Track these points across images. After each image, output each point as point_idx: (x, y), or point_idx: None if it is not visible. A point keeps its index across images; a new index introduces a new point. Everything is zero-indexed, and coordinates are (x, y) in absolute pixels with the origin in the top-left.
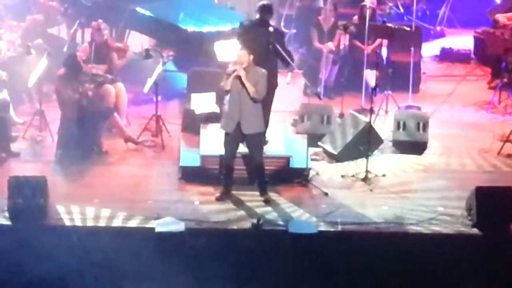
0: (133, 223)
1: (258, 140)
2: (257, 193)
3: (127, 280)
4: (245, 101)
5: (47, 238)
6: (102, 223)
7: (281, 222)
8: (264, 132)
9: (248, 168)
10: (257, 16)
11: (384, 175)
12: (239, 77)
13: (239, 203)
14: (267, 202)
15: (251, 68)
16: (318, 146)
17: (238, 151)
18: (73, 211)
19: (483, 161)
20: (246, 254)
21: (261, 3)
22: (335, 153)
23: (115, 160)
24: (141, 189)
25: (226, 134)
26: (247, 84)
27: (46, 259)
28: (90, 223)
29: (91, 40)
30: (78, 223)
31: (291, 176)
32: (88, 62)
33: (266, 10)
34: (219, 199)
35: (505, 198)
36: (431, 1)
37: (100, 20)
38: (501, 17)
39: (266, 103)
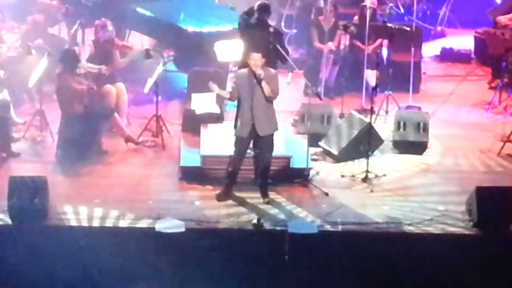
0: (133, 223)
1: (271, 141)
2: (258, 193)
3: (127, 280)
4: (258, 103)
5: (47, 238)
6: (102, 223)
7: (281, 222)
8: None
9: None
10: (255, 16)
11: (384, 175)
12: (256, 77)
13: (239, 203)
14: (267, 203)
15: (262, 68)
16: (319, 146)
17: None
18: (74, 211)
19: (484, 161)
20: (246, 254)
21: (258, 3)
22: (336, 153)
23: (116, 160)
24: (142, 189)
25: (240, 136)
26: (264, 84)
27: (46, 259)
28: (90, 223)
29: (95, 39)
30: (79, 223)
31: (291, 176)
32: (91, 61)
33: (264, 10)
34: (219, 198)
35: (505, 198)
36: (431, 1)
37: (103, 18)
38: (502, 18)
39: None
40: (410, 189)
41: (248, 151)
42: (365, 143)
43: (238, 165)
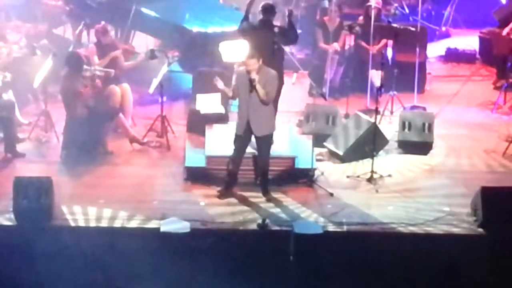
0: (138, 224)
1: (268, 142)
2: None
3: (132, 280)
4: (255, 103)
5: (52, 238)
6: (106, 223)
7: (286, 222)
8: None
9: (256, 168)
10: (260, 17)
11: (389, 176)
12: (250, 81)
13: (244, 204)
14: (269, 201)
15: (261, 69)
16: (323, 147)
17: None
18: (78, 212)
19: (488, 161)
20: (252, 255)
21: (262, 4)
22: (341, 153)
23: (120, 161)
24: (146, 190)
25: (237, 134)
26: (258, 87)
27: (51, 260)
28: (95, 224)
29: (97, 41)
30: (83, 223)
31: (296, 177)
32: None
33: (268, 11)
34: (221, 196)
35: (510, 198)
36: (436, 1)
37: (103, 22)
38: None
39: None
40: (415, 190)
41: (249, 150)
42: (370, 143)
43: (237, 163)
